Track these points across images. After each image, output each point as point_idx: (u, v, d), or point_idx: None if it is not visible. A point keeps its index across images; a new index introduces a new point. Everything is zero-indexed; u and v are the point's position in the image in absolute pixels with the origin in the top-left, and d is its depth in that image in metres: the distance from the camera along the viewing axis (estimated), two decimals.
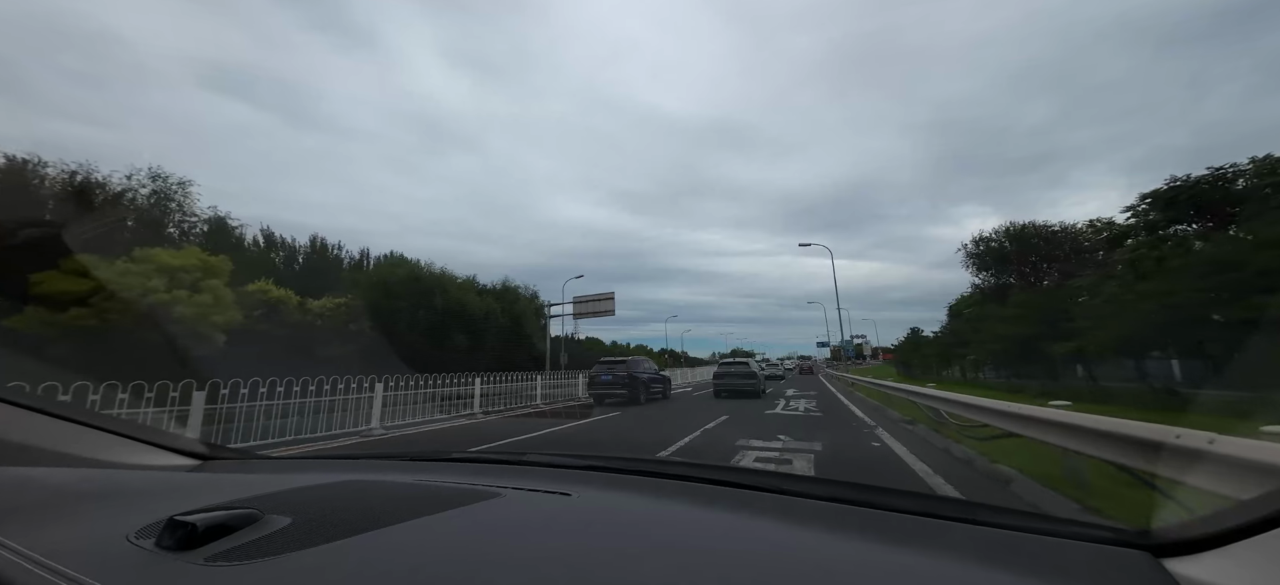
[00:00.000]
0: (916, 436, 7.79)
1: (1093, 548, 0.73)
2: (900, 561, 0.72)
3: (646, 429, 9.58)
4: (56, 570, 0.58)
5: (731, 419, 10.42)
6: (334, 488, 1.00)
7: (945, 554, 0.72)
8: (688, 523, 0.89)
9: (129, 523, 0.74)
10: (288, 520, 0.75)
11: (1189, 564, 0.64)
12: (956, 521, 0.83)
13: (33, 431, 1.12)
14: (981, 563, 0.69)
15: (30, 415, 1.14)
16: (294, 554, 0.66)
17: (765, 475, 1.34)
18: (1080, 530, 0.79)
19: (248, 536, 0.69)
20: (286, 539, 0.70)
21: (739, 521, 0.89)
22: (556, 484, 1.09)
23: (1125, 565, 0.68)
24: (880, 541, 0.78)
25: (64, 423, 1.19)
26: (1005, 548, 0.75)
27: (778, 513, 0.92)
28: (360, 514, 0.80)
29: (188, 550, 0.65)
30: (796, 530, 0.83)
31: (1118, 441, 3.40)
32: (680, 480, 1.13)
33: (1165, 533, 0.72)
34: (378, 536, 0.73)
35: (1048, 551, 0.73)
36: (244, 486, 1.02)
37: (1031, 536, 0.77)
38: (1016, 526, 0.80)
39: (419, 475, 1.20)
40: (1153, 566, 0.66)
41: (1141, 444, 3.12)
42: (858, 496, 0.95)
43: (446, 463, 1.42)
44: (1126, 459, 3.31)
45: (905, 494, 0.96)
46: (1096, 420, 3.76)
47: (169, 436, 1.38)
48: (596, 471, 1.23)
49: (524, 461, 1.38)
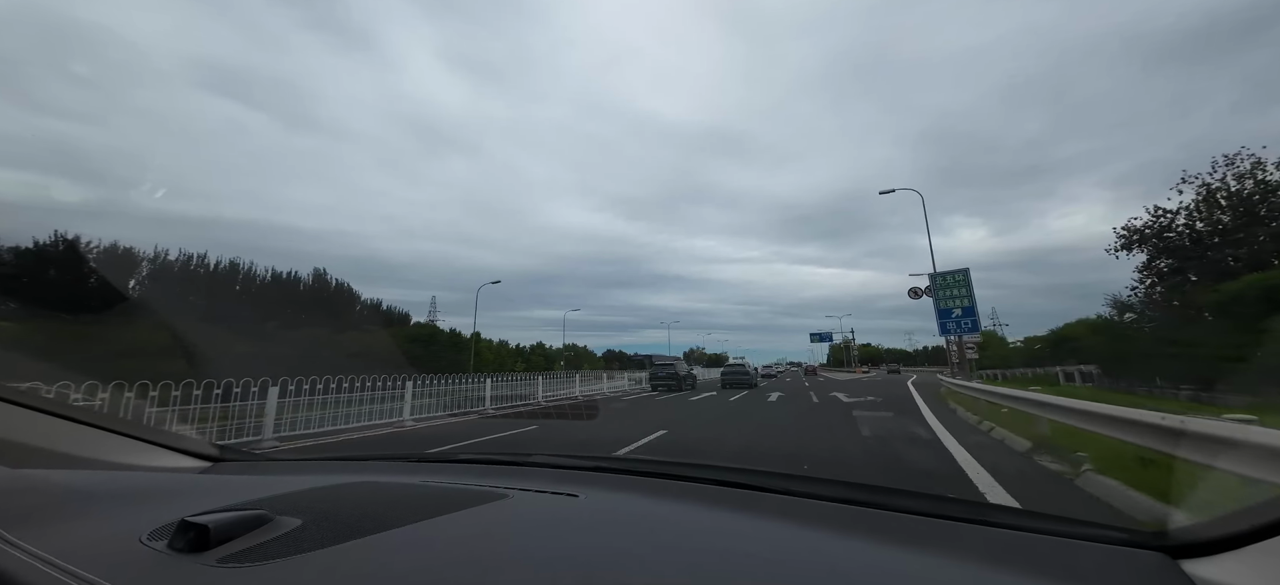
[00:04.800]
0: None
1: (1107, 549, 0.72)
2: (910, 563, 0.71)
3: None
4: (70, 572, 0.59)
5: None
6: (343, 489, 1.01)
7: (956, 556, 0.72)
8: (695, 524, 0.88)
9: (141, 524, 0.75)
10: (298, 521, 0.75)
11: (1205, 566, 0.63)
12: (967, 522, 0.82)
13: (44, 434, 1.12)
14: (993, 565, 0.68)
15: (41, 417, 1.14)
16: (304, 555, 0.66)
17: (772, 476, 1.18)
18: (1094, 532, 0.77)
19: (259, 538, 0.70)
20: (297, 540, 0.70)
21: (747, 522, 0.88)
22: (563, 485, 1.09)
23: (1140, 567, 0.67)
24: (889, 543, 0.77)
25: (75, 425, 1.19)
26: (1017, 549, 0.74)
27: (785, 513, 0.92)
28: (369, 515, 0.81)
29: (200, 552, 0.65)
30: (804, 531, 0.82)
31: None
32: (687, 481, 1.14)
33: (1181, 534, 0.71)
34: (387, 538, 0.73)
35: (1061, 553, 0.72)
36: (254, 488, 1.04)
37: (1044, 538, 0.76)
38: (1029, 528, 0.80)
39: (426, 476, 1.25)
40: (1168, 568, 0.66)
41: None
42: (866, 497, 0.94)
43: (453, 464, 1.45)
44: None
45: (914, 495, 0.94)
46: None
47: (179, 438, 1.39)
48: (603, 472, 1.25)
49: (530, 463, 1.39)
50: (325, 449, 7.82)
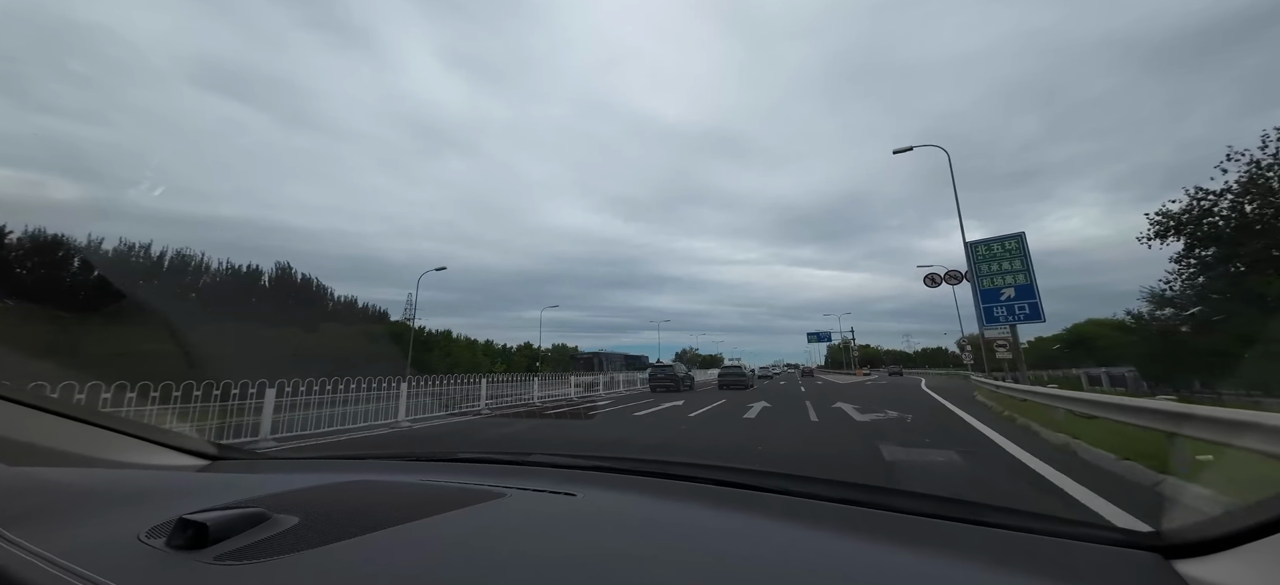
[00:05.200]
0: None
1: (1103, 549, 0.73)
2: (909, 563, 0.71)
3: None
4: (69, 569, 0.59)
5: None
6: (341, 488, 1.01)
7: (955, 556, 0.72)
8: (695, 523, 0.88)
9: (139, 522, 0.74)
10: (296, 520, 0.75)
11: (1199, 566, 0.64)
12: (966, 523, 0.82)
13: (44, 432, 1.12)
14: (991, 565, 0.69)
15: (41, 416, 1.13)
16: (302, 553, 0.66)
17: (773, 476, 1.15)
18: (1090, 532, 0.78)
19: (256, 536, 0.70)
20: (295, 538, 0.70)
21: (747, 522, 0.88)
22: (562, 484, 1.08)
23: (1136, 567, 0.68)
24: (889, 543, 0.77)
25: (74, 423, 1.19)
26: (1015, 549, 0.75)
27: (785, 513, 0.91)
28: (367, 514, 0.81)
29: (197, 549, 0.65)
30: (805, 531, 0.82)
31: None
32: (686, 481, 1.13)
33: (1175, 534, 0.71)
34: (384, 536, 0.73)
35: (1058, 553, 0.72)
36: (252, 486, 1.03)
37: (1042, 538, 0.76)
38: (1027, 528, 0.80)
39: (425, 475, 1.24)
40: (1163, 568, 0.66)
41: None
42: (866, 498, 0.94)
43: (452, 463, 1.43)
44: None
45: (914, 495, 0.94)
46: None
47: (178, 437, 1.38)
48: (602, 471, 1.24)
49: (529, 462, 1.38)
50: (318, 449, 7.38)
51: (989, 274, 14.96)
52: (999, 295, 14.55)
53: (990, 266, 15.00)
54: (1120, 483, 4.64)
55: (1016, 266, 14.48)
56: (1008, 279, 14.53)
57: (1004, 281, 14.53)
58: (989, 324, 14.88)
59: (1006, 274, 14.61)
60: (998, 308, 14.63)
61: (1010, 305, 14.44)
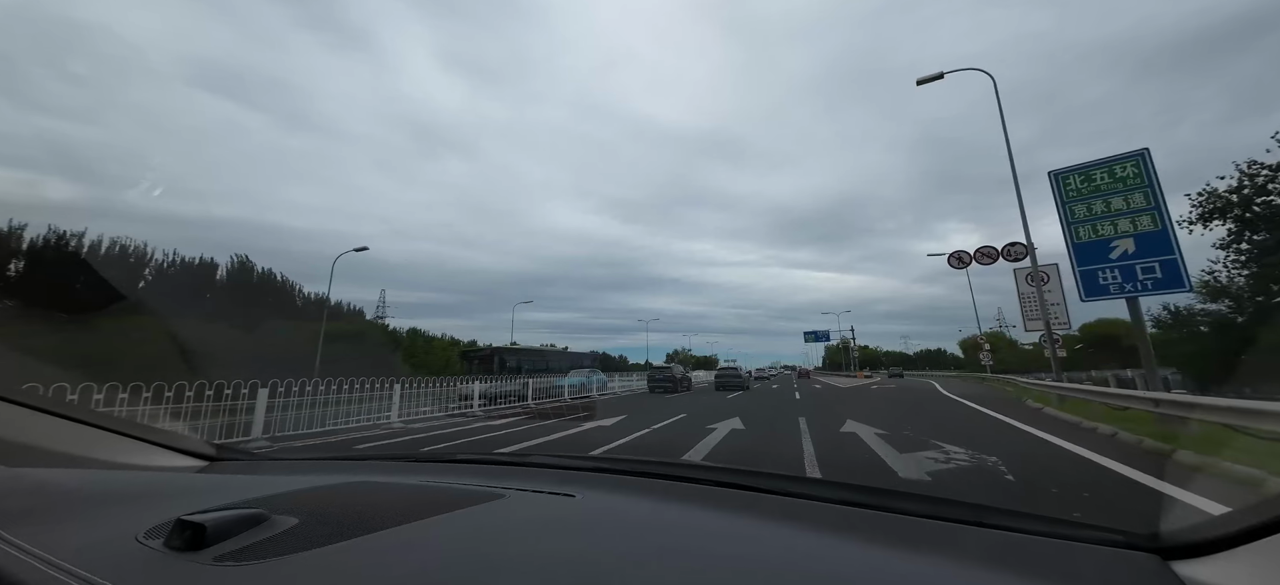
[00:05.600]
0: None
1: (1101, 551, 0.73)
2: (908, 565, 0.72)
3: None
4: (67, 570, 0.59)
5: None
6: (340, 489, 1.01)
7: (953, 557, 0.72)
8: (695, 525, 0.88)
9: (137, 523, 0.74)
10: (294, 520, 0.75)
11: (1197, 567, 0.64)
12: (964, 524, 0.82)
13: (41, 433, 1.12)
14: (990, 566, 0.69)
15: (39, 416, 1.14)
16: (300, 554, 0.66)
17: (771, 477, 1.14)
18: (1089, 533, 0.77)
19: (255, 537, 0.70)
20: (293, 539, 0.70)
21: (746, 524, 0.88)
22: (561, 485, 1.08)
23: (1134, 568, 0.68)
24: (888, 544, 0.77)
25: (72, 424, 1.19)
26: (1014, 551, 0.74)
27: (785, 515, 0.91)
28: (366, 515, 0.80)
29: (196, 550, 0.65)
30: (804, 533, 0.82)
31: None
32: (686, 482, 1.12)
33: (1173, 536, 0.71)
34: (383, 537, 0.73)
35: (1056, 555, 0.72)
36: (251, 487, 1.03)
37: (1040, 539, 0.76)
38: (1025, 529, 0.79)
39: (424, 476, 1.24)
40: (1161, 569, 0.66)
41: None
42: (865, 499, 0.93)
43: (451, 464, 1.44)
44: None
45: (913, 496, 0.93)
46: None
47: (177, 437, 1.38)
48: (601, 473, 1.23)
49: (529, 463, 1.39)
50: (318, 449, 6.98)
51: (1089, 218, 9.27)
52: (1108, 250, 8.89)
53: (1088, 208, 9.28)
54: None
55: (1139, 204, 8.79)
56: (1124, 223, 8.87)
57: (1115, 229, 8.93)
58: (1091, 296, 9.04)
59: (1119, 216, 8.96)
60: (1106, 271, 8.90)
61: (1127, 267, 8.69)
